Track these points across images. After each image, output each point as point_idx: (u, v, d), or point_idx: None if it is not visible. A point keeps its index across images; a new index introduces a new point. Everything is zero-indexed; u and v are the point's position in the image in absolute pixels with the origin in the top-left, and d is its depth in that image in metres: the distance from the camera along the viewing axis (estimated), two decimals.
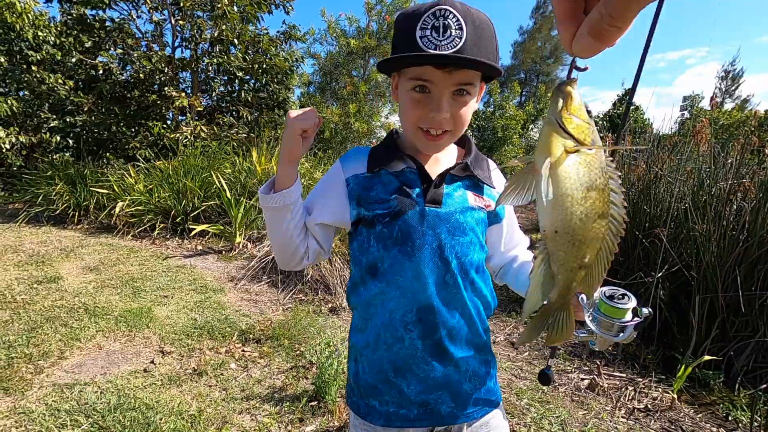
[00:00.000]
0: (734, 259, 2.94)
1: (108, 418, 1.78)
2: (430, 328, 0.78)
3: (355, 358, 0.86)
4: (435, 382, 0.79)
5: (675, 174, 3.64)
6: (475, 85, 0.76)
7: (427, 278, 0.77)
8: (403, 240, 0.77)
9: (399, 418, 0.79)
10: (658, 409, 2.52)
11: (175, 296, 3.30)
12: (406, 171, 0.80)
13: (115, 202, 5.43)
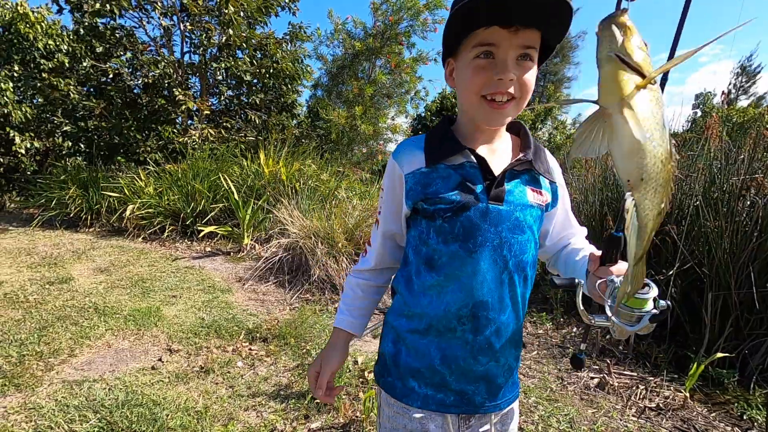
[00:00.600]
0: (747, 255, 2.87)
1: (116, 414, 1.80)
2: (483, 324, 0.79)
3: (394, 340, 0.86)
4: (475, 374, 0.81)
5: (686, 170, 3.58)
6: (536, 50, 0.73)
7: (485, 275, 0.77)
8: (465, 237, 0.76)
9: (436, 402, 0.81)
10: (670, 408, 2.47)
11: (184, 296, 3.33)
12: (467, 165, 0.78)
13: (126, 205, 5.52)
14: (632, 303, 0.66)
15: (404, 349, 0.84)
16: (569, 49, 22.08)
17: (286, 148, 6.12)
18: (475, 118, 0.79)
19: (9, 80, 8.80)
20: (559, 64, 22.21)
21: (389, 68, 8.28)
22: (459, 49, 0.76)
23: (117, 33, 7.31)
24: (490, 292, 0.78)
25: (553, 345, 3.26)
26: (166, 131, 7.34)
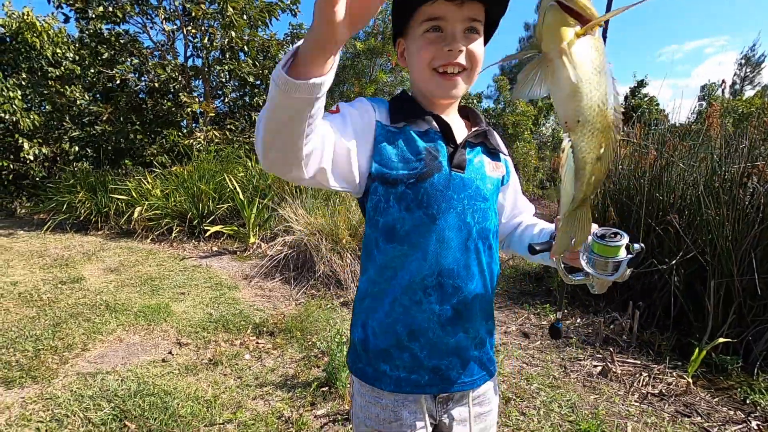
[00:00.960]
0: (749, 242, 2.88)
1: (128, 403, 1.87)
2: (449, 293, 0.77)
3: (362, 324, 0.82)
4: (447, 347, 0.78)
5: (688, 159, 3.59)
6: (482, 24, 0.76)
7: (450, 242, 0.76)
8: (429, 203, 0.75)
9: (410, 384, 0.78)
10: (673, 393, 2.48)
11: (192, 293, 3.41)
12: (431, 131, 0.77)
13: (134, 207, 5.62)
14: (605, 251, 0.67)
15: (371, 331, 0.80)
16: None
17: None
18: (428, 92, 0.79)
19: (17, 88, 8.96)
20: None
21: (390, 67, 8.33)
22: (408, 27, 0.77)
23: (121, 39, 7.43)
24: (456, 260, 0.76)
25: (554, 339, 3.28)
26: (171, 134, 7.45)
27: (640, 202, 3.70)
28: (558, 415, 2.07)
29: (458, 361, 0.80)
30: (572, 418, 2.03)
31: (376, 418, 0.79)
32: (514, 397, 2.21)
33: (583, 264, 0.71)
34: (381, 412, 0.79)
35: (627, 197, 3.91)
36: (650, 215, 3.58)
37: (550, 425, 1.97)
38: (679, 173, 3.57)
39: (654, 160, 3.73)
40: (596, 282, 0.73)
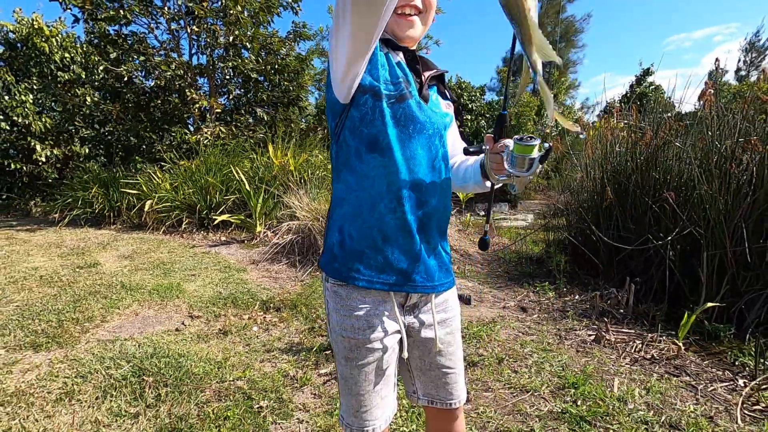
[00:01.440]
0: (742, 213, 2.94)
1: (146, 363, 2.02)
2: (418, 204, 0.87)
3: (338, 229, 0.91)
4: (414, 253, 0.89)
5: (683, 138, 3.65)
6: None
7: (421, 160, 0.87)
8: (406, 122, 0.85)
9: (379, 282, 0.87)
10: (664, 357, 2.56)
11: (202, 275, 3.56)
12: (402, 64, 0.89)
13: (144, 201, 5.81)
14: (523, 151, 0.81)
15: (347, 235, 0.89)
16: (574, 32, 21.83)
17: (293, 140, 6.33)
18: (391, 32, 0.90)
19: (29, 92, 9.24)
20: (564, 49, 21.99)
21: None
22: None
23: (128, 40, 7.63)
24: (426, 175, 0.88)
25: (554, 310, 3.37)
26: (179, 132, 7.64)
27: (636, 181, 3.78)
28: (548, 372, 2.17)
29: (422, 266, 0.91)
30: (561, 374, 2.13)
31: (351, 328, 0.89)
32: (507, 358, 2.32)
33: (506, 166, 0.85)
34: (355, 323, 0.88)
35: (624, 177, 3.98)
36: (647, 194, 3.65)
37: (540, 380, 2.07)
38: (675, 152, 3.63)
39: (650, 140, 3.80)
40: (516, 181, 0.88)
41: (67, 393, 1.77)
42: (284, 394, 1.87)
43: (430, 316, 0.96)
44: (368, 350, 0.89)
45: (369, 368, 0.90)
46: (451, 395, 1.01)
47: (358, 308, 0.89)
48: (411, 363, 1.00)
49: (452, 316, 1.00)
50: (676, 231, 3.24)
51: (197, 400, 1.77)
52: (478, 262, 5.01)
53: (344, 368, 0.92)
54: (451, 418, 1.04)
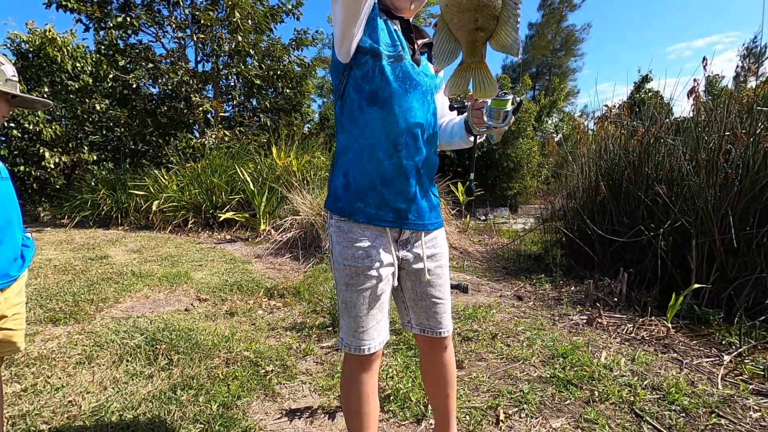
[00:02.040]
0: (729, 202, 3.05)
1: (158, 335, 2.14)
2: (414, 151, 1.01)
3: (343, 174, 1.04)
4: (408, 195, 1.03)
5: (674, 135, 3.78)
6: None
7: (416, 112, 1.00)
8: (403, 79, 0.99)
9: (377, 218, 1.02)
10: (654, 338, 2.64)
11: (209, 265, 3.70)
12: (397, 32, 1.02)
13: (152, 201, 5.96)
14: (499, 104, 0.98)
15: (352, 177, 1.02)
16: (574, 42, 22.17)
17: (296, 143, 6.50)
18: (390, 3, 1.02)
19: None
20: (563, 57, 22.33)
21: None
22: None
23: (136, 48, 7.89)
24: (420, 126, 1.02)
25: (549, 298, 3.47)
26: (185, 137, 7.84)
27: (629, 176, 3.91)
28: (539, 346, 2.27)
29: (415, 206, 1.06)
30: (552, 346, 2.24)
31: (351, 257, 1.02)
32: (500, 334, 2.42)
33: (486, 119, 1.02)
34: (355, 252, 1.02)
35: (618, 173, 4.11)
36: (639, 189, 3.77)
37: (531, 352, 2.18)
38: (667, 148, 3.75)
39: (642, 137, 3.93)
40: (494, 131, 1.05)
41: (86, 357, 1.89)
42: (288, 362, 1.98)
43: (421, 250, 1.09)
44: (366, 277, 1.02)
45: (366, 293, 1.03)
46: (440, 324, 1.14)
47: (358, 240, 1.02)
48: (405, 294, 1.14)
49: (440, 252, 1.14)
50: (668, 223, 3.36)
51: (207, 366, 1.89)
52: (477, 259, 5.12)
53: (345, 293, 1.05)
54: (441, 347, 1.17)
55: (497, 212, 11.31)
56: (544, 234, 5.40)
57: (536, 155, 12.68)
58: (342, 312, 1.07)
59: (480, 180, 10.65)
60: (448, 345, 1.18)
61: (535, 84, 19.98)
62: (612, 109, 4.97)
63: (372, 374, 1.08)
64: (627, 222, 3.86)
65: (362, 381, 1.06)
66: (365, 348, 1.04)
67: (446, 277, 1.15)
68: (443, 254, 1.14)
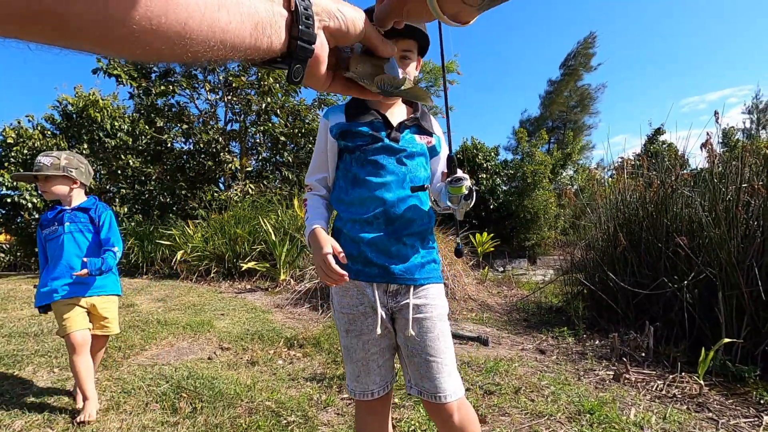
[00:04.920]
0: (753, 254, 3.02)
1: (182, 383, 2.17)
2: (390, 218, 1.12)
3: (336, 238, 1.15)
4: (391, 253, 1.12)
5: (690, 186, 3.83)
6: (413, 52, 1.16)
7: (391, 184, 1.12)
8: (375, 160, 1.13)
9: (364, 275, 1.11)
10: (686, 395, 2.54)
11: (230, 314, 3.76)
12: (375, 121, 1.16)
13: (177, 252, 6.17)
14: (455, 191, 1.09)
15: (342, 241, 1.13)
16: (589, 99, 22.89)
17: None
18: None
19: None
20: (579, 113, 22.94)
21: None
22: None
23: (173, 109, 8.54)
24: (395, 195, 1.13)
25: (573, 352, 3.38)
26: (210, 190, 8.23)
27: (647, 227, 3.91)
28: (565, 401, 2.21)
29: (400, 263, 1.12)
30: (578, 402, 2.17)
31: (348, 305, 1.12)
32: (524, 388, 2.37)
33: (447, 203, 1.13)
34: (349, 300, 1.12)
35: (636, 224, 4.12)
36: (659, 240, 3.76)
37: (556, 408, 2.12)
38: (684, 199, 3.77)
39: (657, 188, 3.98)
40: (456, 211, 1.15)
41: (114, 404, 1.94)
42: (309, 413, 1.98)
43: (409, 301, 1.12)
44: (362, 322, 1.11)
45: (364, 338, 1.11)
46: (437, 387, 1.07)
47: (351, 290, 1.12)
48: (401, 351, 1.15)
49: (432, 304, 1.14)
50: (692, 275, 3.31)
51: (230, 415, 1.90)
52: (497, 311, 5.05)
53: (345, 339, 1.13)
54: (446, 414, 1.08)
55: (516, 263, 11.18)
56: (565, 286, 5.31)
57: (553, 206, 12.71)
58: (345, 359, 1.15)
59: (497, 231, 10.66)
60: (455, 412, 1.09)
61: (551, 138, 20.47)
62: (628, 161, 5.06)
63: (381, 420, 1.13)
64: (649, 274, 3.81)
65: (371, 426, 1.12)
66: (368, 393, 1.11)
67: (442, 334, 1.13)
68: (436, 307, 1.14)
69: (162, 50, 0.34)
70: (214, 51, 0.37)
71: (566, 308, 4.81)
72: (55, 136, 10.40)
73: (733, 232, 3.11)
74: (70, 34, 0.29)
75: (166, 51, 0.34)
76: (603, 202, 4.84)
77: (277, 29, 0.43)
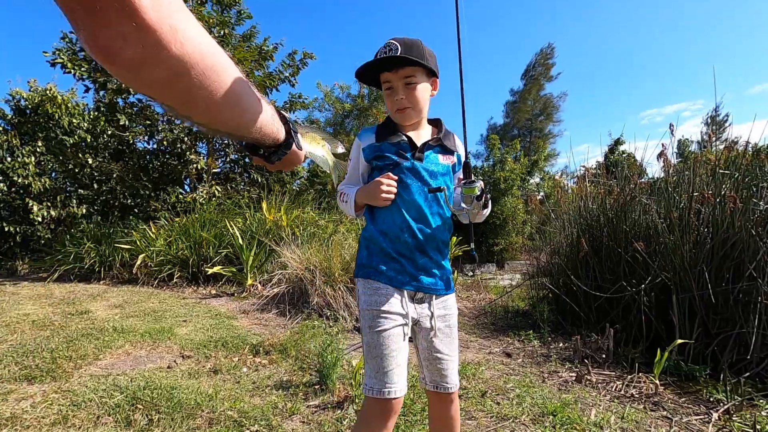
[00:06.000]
0: (703, 259, 3.19)
1: (138, 393, 2.06)
2: (416, 232, 1.24)
3: (366, 247, 1.30)
4: (418, 264, 1.25)
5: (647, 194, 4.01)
6: (417, 77, 1.24)
7: (415, 201, 1.25)
8: (401, 178, 1.25)
9: (397, 282, 1.23)
10: (643, 395, 2.64)
11: (193, 321, 3.62)
12: (401, 142, 1.29)
13: (137, 256, 5.90)
14: (468, 191, 1.22)
15: (374, 250, 1.27)
16: (552, 108, 23.75)
17: (286, 198, 6.63)
18: (395, 120, 1.32)
19: (32, 155, 9.59)
20: (544, 122, 23.78)
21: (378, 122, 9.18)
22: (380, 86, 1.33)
23: (135, 106, 8.19)
24: (419, 212, 1.26)
25: (538, 355, 3.46)
26: (175, 192, 7.93)
27: (608, 233, 4.07)
28: (529, 404, 2.25)
29: (426, 274, 1.26)
30: (542, 404, 2.22)
31: (374, 302, 1.21)
32: (490, 391, 2.40)
33: (462, 204, 1.25)
34: (378, 299, 1.21)
35: (597, 230, 4.27)
36: (619, 245, 3.91)
37: (521, 410, 2.15)
38: (642, 206, 3.94)
39: (618, 196, 4.15)
40: (469, 212, 1.26)
41: (62, 418, 1.81)
42: (273, 422, 1.92)
43: (433, 310, 1.27)
44: (386, 319, 1.19)
45: (386, 334, 1.18)
46: (448, 381, 1.29)
47: (380, 289, 1.23)
48: (420, 353, 1.29)
49: (450, 313, 1.32)
50: (649, 279, 3.46)
51: (189, 426, 1.82)
52: (466, 315, 5.10)
53: (368, 336, 1.19)
54: (448, 401, 1.31)
55: (484, 268, 11.38)
56: (531, 290, 5.44)
57: (521, 212, 13.03)
58: (366, 356, 1.21)
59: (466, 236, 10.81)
60: (455, 399, 1.32)
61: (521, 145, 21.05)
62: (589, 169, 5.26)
63: (389, 426, 1.16)
64: (610, 278, 3.95)
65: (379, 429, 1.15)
66: (387, 391, 1.14)
67: (454, 337, 1.32)
68: (452, 316, 1.32)
69: (251, 134, 0.67)
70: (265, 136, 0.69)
71: (532, 312, 4.92)
72: (6, 132, 9.77)
73: (685, 238, 3.27)
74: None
75: (254, 135, 0.67)
76: (567, 209, 4.99)
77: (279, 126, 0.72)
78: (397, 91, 1.24)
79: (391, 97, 1.26)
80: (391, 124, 1.33)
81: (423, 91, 1.26)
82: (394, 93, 1.25)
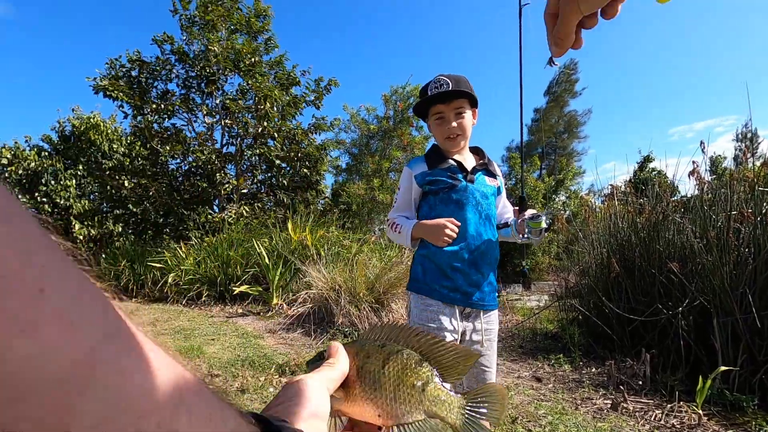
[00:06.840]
0: (745, 280, 3.03)
1: None
2: (471, 248, 1.35)
3: (421, 263, 1.39)
4: (471, 281, 1.34)
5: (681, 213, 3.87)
6: (466, 108, 1.39)
7: (470, 221, 1.37)
8: (457, 200, 1.37)
9: (449, 299, 1.32)
10: (685, 426, 2.50)
11: (221, 339, 3.67)
12: (452, 167, 1.41)
13: (168, 275, 6.08)
14: (535, 225, 1.34)
15: (429, 267, 1.37)
16: (576, 125, 23.38)
17: (311, 218, 6.74)
18: (444, 148, 1.45)
19: (73, 178, 10.15)
20: (567, 140, 23.41)
21: (402, 146, 9.28)
22: (427, 117, 1.47)
23: (168, 132, 8.60)
24: (474, 230, 1.37)
25: (570, 380, 3.34)
26: (204, 212, 8.20)
27: (641, 253, 3.93)
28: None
29: (477, 290, 1.34)
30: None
31: (426, 318, 1.31)
32: (521, 417, 2.32)
33: (527, 233, 1.37)
34: (429, 315, 1.32)
35: (629, 250, 4.13)
36: (653, 266, 3.76)
37: None
38: (676, 226, 3.80)
39: (649, 215, 4.02)
40: (534, 240, 1.40)
41: None
42: None
43: (480, 324, 1.35)
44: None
45: None
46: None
47: (432, 306, 1.32)
48: None
49: (493, 328, 1.42)
50: (687, 301, 3.30)
51: None
52: None
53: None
54: None
55: (510, 289, 11.13)
56: (560, 312, 5.28)
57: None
58: None
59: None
60: None
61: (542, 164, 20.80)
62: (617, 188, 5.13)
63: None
64: (644, 300, 3.80)
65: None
66: None
67: (494, 350, 1.41)
68: (495, 330, 1.42)
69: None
70: None
71: (561, 334, 4.76)
72: (51, 157, 10.39)
73: (725, 259, 3.12)
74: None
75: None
76: (595, 228, 4.87)
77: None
78: (449, 120, 1.37)
79: (443, 126, 1.38)
80: (438, 151, 1.44)
81: (469, 120, 1.40)
82: (445, 122, 1.38)
